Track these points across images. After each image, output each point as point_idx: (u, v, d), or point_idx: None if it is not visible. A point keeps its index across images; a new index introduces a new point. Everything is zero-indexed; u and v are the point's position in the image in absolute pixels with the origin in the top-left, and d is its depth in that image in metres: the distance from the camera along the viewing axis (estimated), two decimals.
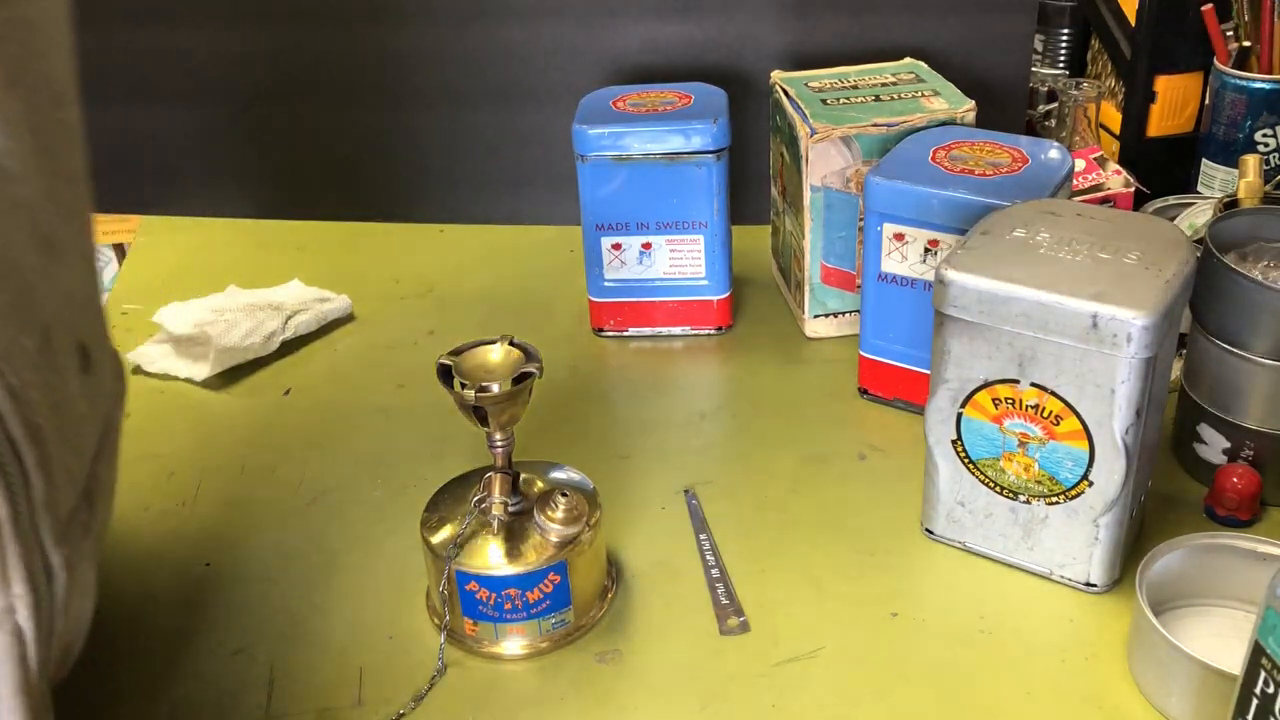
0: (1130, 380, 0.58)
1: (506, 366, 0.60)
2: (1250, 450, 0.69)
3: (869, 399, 0.83)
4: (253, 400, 0.85)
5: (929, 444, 0.66)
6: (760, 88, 0.93)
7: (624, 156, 0.84)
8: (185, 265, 1.02)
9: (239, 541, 0.71)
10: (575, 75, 1.00)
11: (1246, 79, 0.93)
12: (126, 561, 0.69)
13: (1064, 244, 0.62)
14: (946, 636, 0.62)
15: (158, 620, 0.65)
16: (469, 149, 1.06)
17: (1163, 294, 0.58)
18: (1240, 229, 0.72)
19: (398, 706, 0.59)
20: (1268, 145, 0.94)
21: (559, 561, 0.61)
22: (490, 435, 0.61)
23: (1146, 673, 0.58)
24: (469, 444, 0.75)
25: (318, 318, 0.92)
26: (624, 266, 0.89)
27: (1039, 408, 0.61)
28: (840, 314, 0.89)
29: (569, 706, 0.59)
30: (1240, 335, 0.67)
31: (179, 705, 0.60)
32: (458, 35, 1.01)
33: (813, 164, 0.83)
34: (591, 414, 0.62)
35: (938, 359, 0.64)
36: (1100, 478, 0.61)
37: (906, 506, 0.71)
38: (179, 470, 0.77)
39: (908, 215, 0.75)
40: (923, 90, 0.87)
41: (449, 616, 0.62)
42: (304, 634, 0.64)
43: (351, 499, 0.74)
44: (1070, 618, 0.64)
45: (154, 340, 0.89)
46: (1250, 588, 0.61)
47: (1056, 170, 0.75)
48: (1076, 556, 0.64)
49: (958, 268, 0.61)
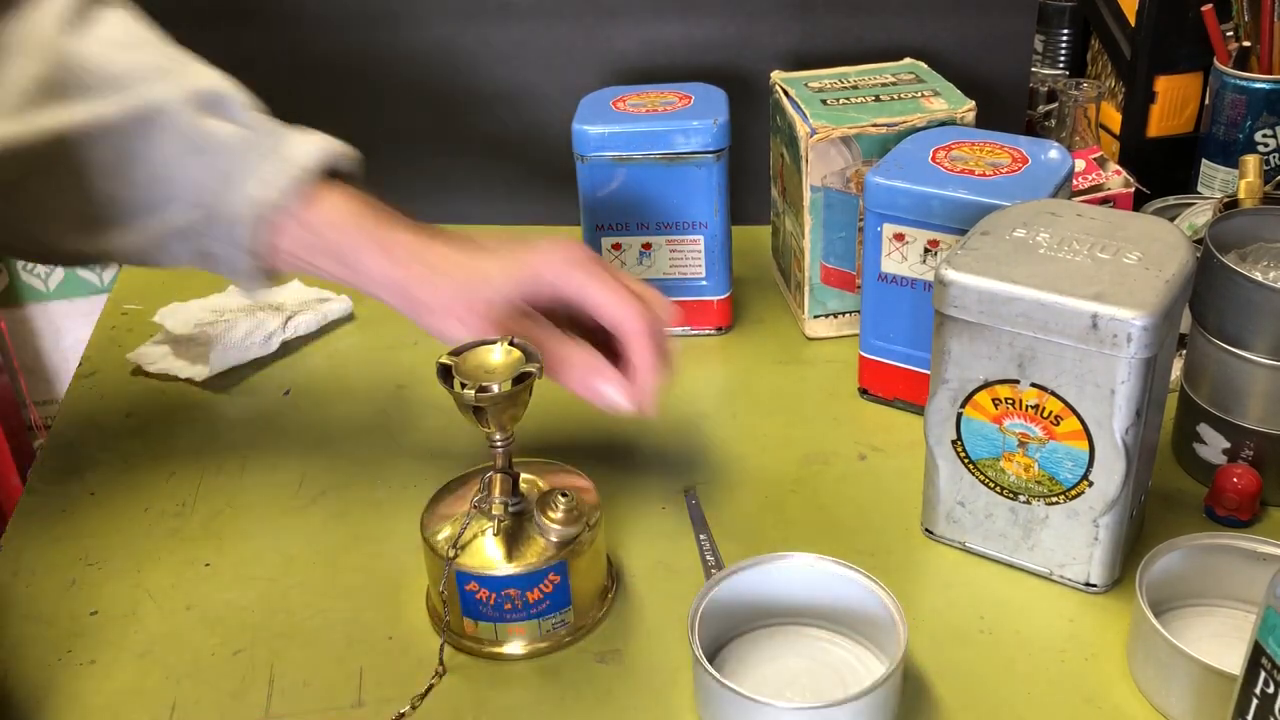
0: (1130, 380, 0.58)
1: (506, 366, 0.60)
2: (1250, 450, 0.69)
3: (869, 399, 0.83)
4: (253, 400, 0.85)
5: (929, 444, 0.66)
6: (760, 88, 0.93)
7: (624, 156, 0.84)
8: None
9: (239, 541, 0.71)
10: (575, 75, 1.00)
11: (1246, 79, 0.93)
12: (126, 561, 0.69)
13: (1064, 244, 0.62)
14: (946, 636, 0.62)
15: (158, 620, 0.65)
16: (469, 149, 1.06)
17: (1163, 294, 0.58)
18: (1240, 229, 0.72)
19: (398, 707, 0.59)
20: (1268, 145, 0.94)
21: (559, 561, 0.61)
22: (490, 435, 0.61)
23: (1146, 673, 0.58)
24: (469, 444, 0.75)
25: (318, 318, 0.92)
26: (624, 267, 0.89)
27: (1039, 408, 0.61)
28: (840, 314, 0.89)
29: (569, 706, 0.59)
30: (1240, 335, 0.67)
31: (179, 705, 0.60)
32: (458, 35, 1.01)
33: (813, 164, 0.83)
34: (591, 414, 0.62)
35: (938, 359, 0.64)
36: (1100, 478, 0.61)
37: (906, 506, 0.71)
38: (179, 470, 0.77)
39: (908, 215, 0.75)
40: (923, 90, 0.87)
41: (449, 616, 0.62)
42: (304, 634, 0.64)
43: (351, 499, 0.74)
44: (1070, 618, 0.64)
45: (154, 340, 0.89)
46: (1250, 588, 0.61)
47: (1056, 170, 0.75)
48: (1076, 556, 0.64)
49: (958, 268, 0.61)
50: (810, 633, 0.63)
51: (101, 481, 0.76)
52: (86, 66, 0.61)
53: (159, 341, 0.89)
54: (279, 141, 0.62)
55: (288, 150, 0.61)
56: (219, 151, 0.61)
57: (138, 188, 0.61)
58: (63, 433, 0.82)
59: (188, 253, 0.64)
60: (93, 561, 0.69)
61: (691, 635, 0.57)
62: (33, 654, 0.63)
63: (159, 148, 0.61)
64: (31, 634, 0.64)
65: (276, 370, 0.88)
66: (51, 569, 0.69)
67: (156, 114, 0.60)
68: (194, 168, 0.61)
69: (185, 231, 0.63)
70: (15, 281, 1.54)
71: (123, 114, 0.60)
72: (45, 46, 0.60)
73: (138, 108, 0.60)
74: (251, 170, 0.60)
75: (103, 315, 0.95)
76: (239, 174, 0.60)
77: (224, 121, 0.62)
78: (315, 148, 0.62)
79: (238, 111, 0.63)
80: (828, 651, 0.62)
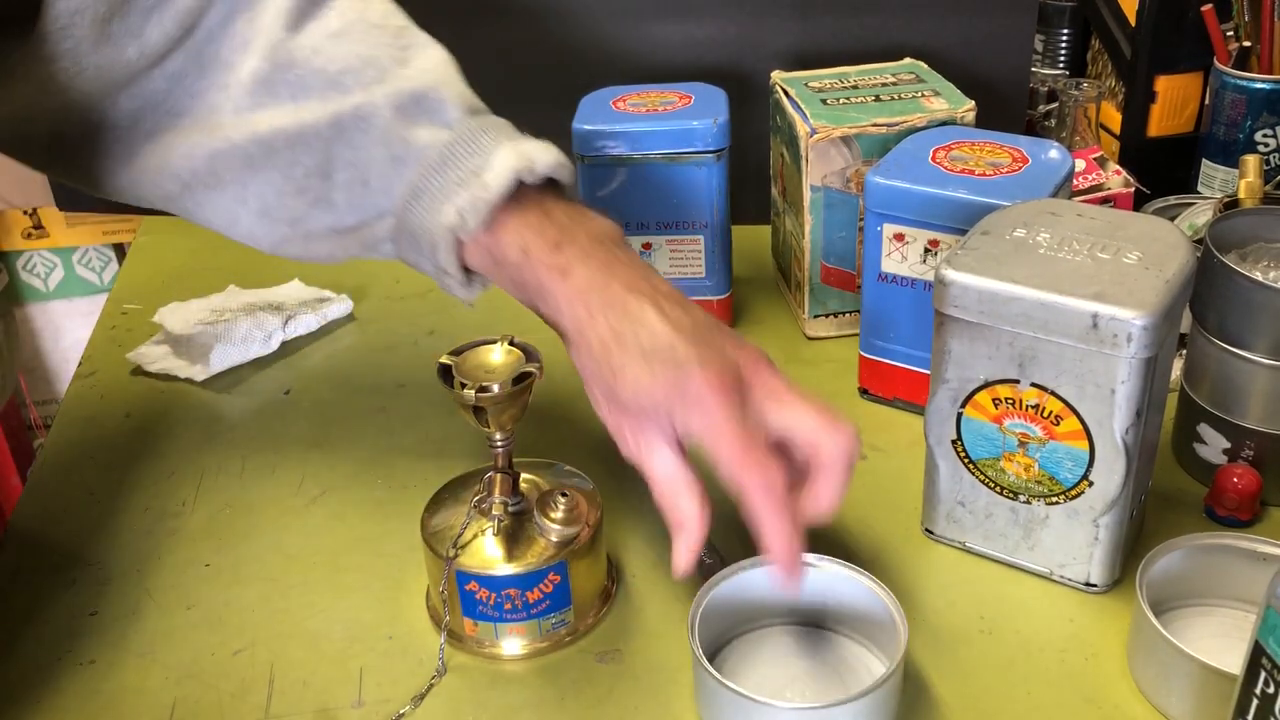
0: (1130, 380, 0.58)
1: (506, 366, 0.60)
2: (1250, 450, 0.69)
3: (869, 399, 0.83)
4: (253, 400, 0.85)
5: (929, 444, 0.66)
6: (760, 88, 0.93)
7: (624, 156, 0.84)
8: (185, 265, 1.02)
9: (239, 541, 0.71)
10: (575, 75, 1.00)
11: (1246, 79, 0.93)
12: (126, 561, 0.69)
13: (1064, 244, 0.62)
14: (946, 636, 0.62)
15: (158, 620, 0.65)
16: None
17: (1163, 294, 0.58)
18: (1240, 229, 0.72)
19: (398, 706, 0.59)
20: (1268, 145, 0.94)
21: (559, 561, 0.61)
22: (490, 435, 0.61)
23: (1146, 673, 0.58)
24: (469, 444, 0.75)
25: (318, 318, 0.92)
26: None
27: (1039, 408, 0.61)
28: (840, 314, 0.89)
29: (569, 706, 0.59)
30: (1240, 335, 0.67)
31: (179, 705, 0.60)
32: (458, 35, 1.01)
33: (813, 164, 0.83)
34: (591, 414, 0.62)
35: (938, 359, 0.64)
36: (1100, 478, 0.61)
37: (906, 506, 0.71)
38: (179, 470, 0.77)
39: (908, 215, 0.75)
40: (923, 90, 0.87)
41: (449, 616, 0.62)
42: (304, 634, 0.64)
43: (351, 499, 0.74)
44: (1070, 618, 0.64)
45: (154, 340, 0.89)
46: (1250, 588, 0.61)
47: (1056, 170, 0.75)
48: (1077, 556, 0.64)
49: (958, 268, 0.61)
50: (810, 633, 0.63)
51: (101, 481, 0.76)
52: (303, 65, 0.60)
53: (159, 341, 0.89)
54: (480, 160, 0.59)
55: (485, 173, 0.58)
56: (415, 162, 0.59)
57: (340, 190, 0.60)
58: (63, 433, 0.82)
59: (396, 256, 0.63)
60: (93, 561, 0.69)
61: (692, 635, 0.57)
62: (33, 654, 0.63)
63: (362, 152, 0.59)
64: (32, 634, 0.64)
65: (276, 370, 0.88)
66: (51, 569, 0.69)
67: (362, 120, 0.59)
68: (392, 178, 0.59)
69: (382, 237, 0.61)
70: (15, 281, 1.54)
71: (329, 118, 0.59)
72: (269, 45, 0.60)
73: (342, 113, 0.59)
74: (445, 194, 0.58)
75: (103, 315, 0.95)
76: (432, 193, 0.59)
77: (427, 127, 0.60)
78: (510, 165, 0.58)
79: (444, 113, 0.60)
80: (828, 652, 0.62)
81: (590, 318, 0.56)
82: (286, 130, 0.59)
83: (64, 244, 1.52)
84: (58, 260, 1.54)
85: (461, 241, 0.59)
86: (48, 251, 1.53)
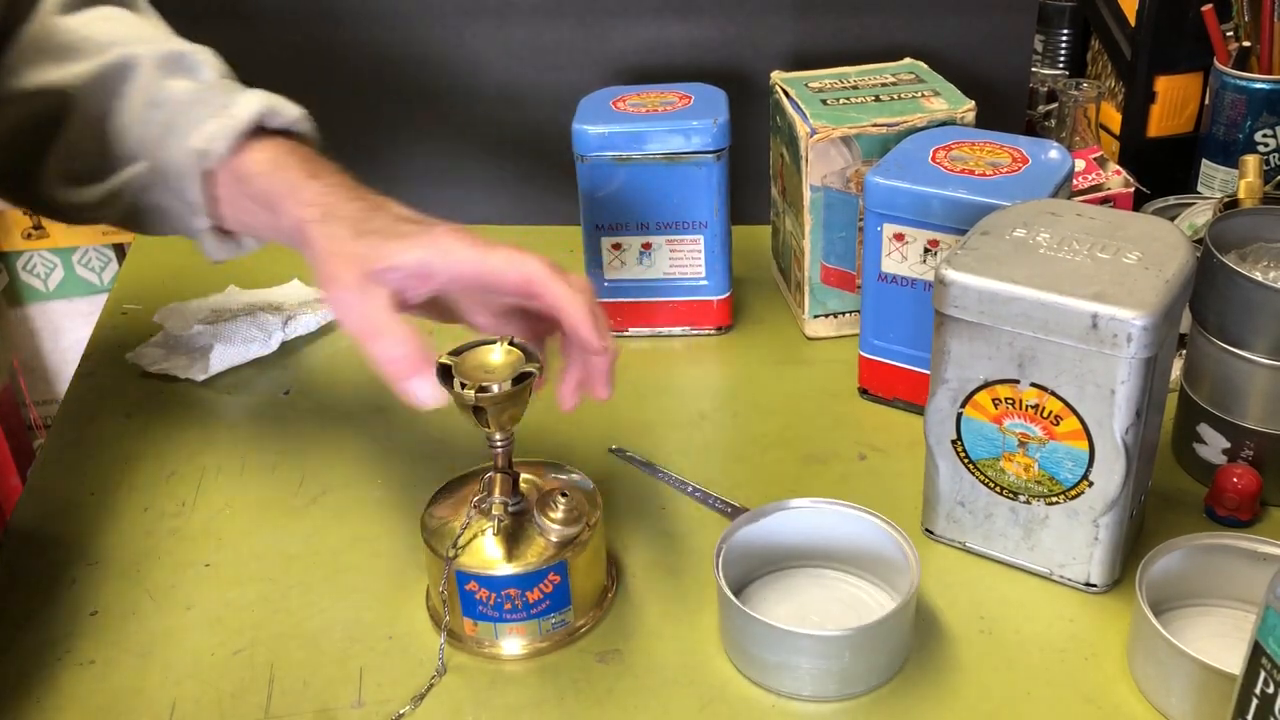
0: (1130, 380, 0.58)
1: (506, 366, 0.60)
2: (1250, 450, 0.69)
3: (869, 399, 0.83)
4: (253, 400, 0.85)
5: (929, 444, 0.66)
6: (760, 88, 0.93)
7: (624, 156, 0.84)
8: (185, 265, 1.02)
9: (239, 541, 0.71)
10: (575, 75, 1.00)
11: (1246, 79, 0.93)
12: (126, 561, 0.69)
13: (1064, 244, 0.62)
14: (946, 636, 0.62)
15: (158, 620, 0.65)
16: (469, 149, 1.06)
17: (1163, 294, 0.58)
18: (1240, 229, 0.72)
19: (398, 706, 0.59)
20: (1268, 145, 0.94)
21: (559, 561, 0.61)
22: (490, 435, 0.61)
23: (1146, 673, 0.58)
24: (469, 444, 0.75)
25: (318, 318, 0.92)
26: (624, 267, 0.89)
27: (1039, 408, 0.61)
28: (840, 314, 0.89)
29: (569, 706, 0.59)
30: (1240, 335, 0.67)
31: (179, 705, 0.60)
32: (458, 35, 1.01)
33: (813, 164, 0.83)
34: (591, 414, 0.62)
35: (938, 359, 0.64)
36: (1100, 478, 0.61)
37: (906, 506, 0.71)
38: (179, 470, 0.77)
39: (908, 215, 0.75)
40: (923, 90, 0.87)
41: (449, 616, 0.62)
42: (304, 634, 0.64)
43: (351, 499, 0.74)
44: (1070, 618, 0.64)
45: (154, 340, 0.89)
46: (1250, 588, 0.62)
47: (1056, 170, 0.75)
48: (1076, 556, 0.64)
49: (958, 268, 0.61)
50: (827, 574, 0.66)
51: (101, 481, 0.76)
52: (74, 35, 0.65)
53: (159, 341, 0.89)
54: (228, 99, 0.63)
55: (232, 106, 0.62)
56: (169, 106, 0.63)
57: (106, 142, 0.64)
58: (63, 433, 0.82)
59: (148, 208, 0.65)
60: (93, 561, 0.69)
61: (716, 571, 0.60)
62: (33, 654, 0.63)
63: (126, 102, 0.63)
64: (32, 634, 0.64)
65: (276, 370, 0.88)
66: (51, 569, 0.69)
67: (128, 70, 0.63)
68: (148, 123, 0.63)
69: (140, 185, 0.64)
70: (15, 281, 1.54)
71: (99, 71, 0.63)
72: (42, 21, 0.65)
73: (112, 64, 0.63)
74: (194, 124, 0.62)
75: (103, 315, 0.95)
76: (182, 127, 0.62)
77: (184, 80, 0.64)
78: (257, 101, 0.62)
79: (201, 72, 0.64)
80: (844, 590, 0.65)
81: (341, 203, 0.59)
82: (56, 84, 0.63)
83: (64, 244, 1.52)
84: (58, 260, 1.54)
85: (210, 172, 0.61)
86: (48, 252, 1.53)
